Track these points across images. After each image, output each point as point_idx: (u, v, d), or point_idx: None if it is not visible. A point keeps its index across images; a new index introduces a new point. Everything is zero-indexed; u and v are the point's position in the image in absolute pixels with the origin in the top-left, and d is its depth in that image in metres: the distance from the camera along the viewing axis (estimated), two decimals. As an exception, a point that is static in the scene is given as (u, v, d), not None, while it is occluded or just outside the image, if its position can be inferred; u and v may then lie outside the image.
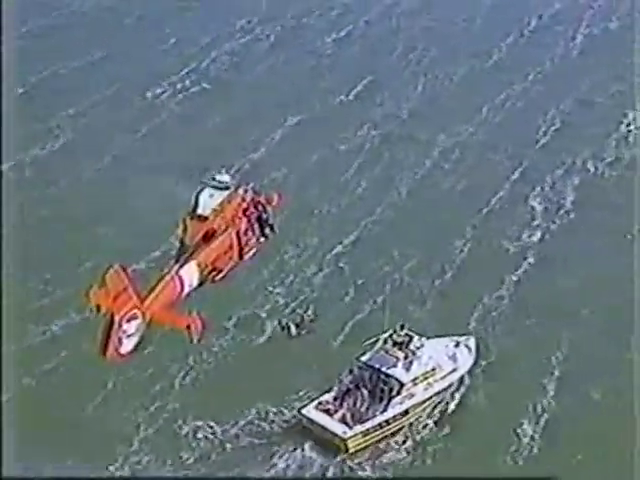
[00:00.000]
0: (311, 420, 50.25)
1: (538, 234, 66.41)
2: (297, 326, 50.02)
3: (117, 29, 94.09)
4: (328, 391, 51.31)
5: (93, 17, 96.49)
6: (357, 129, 78.58)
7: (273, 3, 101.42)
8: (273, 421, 51.00)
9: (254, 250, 42.38)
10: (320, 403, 50.79)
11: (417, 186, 71.52)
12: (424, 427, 51.31)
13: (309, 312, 50.89)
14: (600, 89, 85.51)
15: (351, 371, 51.75)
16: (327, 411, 50.37)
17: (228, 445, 49.68)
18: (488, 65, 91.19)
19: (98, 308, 36.08)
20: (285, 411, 51.43)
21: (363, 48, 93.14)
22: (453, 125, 79.57)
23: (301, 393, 52.24)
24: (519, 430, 50.93)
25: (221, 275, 40.99)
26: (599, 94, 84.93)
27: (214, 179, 41.30)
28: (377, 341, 51.59)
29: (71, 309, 56.90)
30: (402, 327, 51.67)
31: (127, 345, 36.15)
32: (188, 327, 37.79)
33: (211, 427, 50.45)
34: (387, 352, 51.10)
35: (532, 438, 50.67)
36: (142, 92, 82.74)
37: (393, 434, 50.58)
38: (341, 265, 62.01)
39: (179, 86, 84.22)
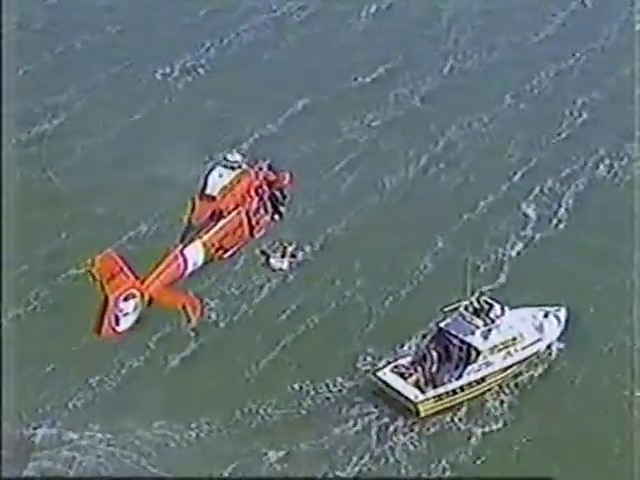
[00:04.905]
0: (385, 382, 50.70)
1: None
2: (282, 256, 46.54)
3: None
4: (405, 355, 52.06)
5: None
6: (362, 117, 73.62)
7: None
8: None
9: (266, 228, 43.09)
10: (396, 367, 51.21)
11: (405, 187, 66.33)
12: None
13: (292, 245, 47.52)
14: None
15: (424, 336, 52.29)
16: (402, 375, 50.73)
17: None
18: (534, 42, 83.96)
19: (94, 278, 36.82)
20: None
21: (400, 25, 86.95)
22: (469, 114, 73.61)
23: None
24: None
25: (228, 253, 41.71)
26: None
27: (225, 158, 41.97)
28: (457, 308, 51.26)
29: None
30: (481, 294, 51.67)
31: (124, 323, 37.42)
32: (184, 307, 39.03)
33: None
34: (465, 319, 50.97)
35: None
36: (152, 71, 79.78)
37: (468, 401, 50.64)
38: (290, 280, 57.37)
39: (190, 65, 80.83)
